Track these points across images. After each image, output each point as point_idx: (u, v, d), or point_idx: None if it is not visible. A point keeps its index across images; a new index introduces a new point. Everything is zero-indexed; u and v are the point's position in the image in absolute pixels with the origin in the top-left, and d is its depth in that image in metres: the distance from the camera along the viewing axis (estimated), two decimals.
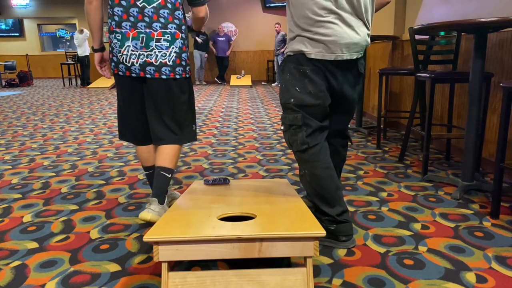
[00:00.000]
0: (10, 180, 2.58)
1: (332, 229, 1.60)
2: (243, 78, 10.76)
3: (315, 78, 1.54)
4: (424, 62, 2.90)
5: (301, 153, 1.60)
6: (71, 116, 5.34)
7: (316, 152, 1.58)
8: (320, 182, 1.59)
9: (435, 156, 3.03)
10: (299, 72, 1.55)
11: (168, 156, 1.81)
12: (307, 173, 1.61)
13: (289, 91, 1.58)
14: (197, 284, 1.23)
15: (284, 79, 1.62)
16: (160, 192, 1.77)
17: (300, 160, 1.63)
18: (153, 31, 1.70)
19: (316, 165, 1.58)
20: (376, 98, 4.54)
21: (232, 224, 1.31)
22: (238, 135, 3.98)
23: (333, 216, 1.59)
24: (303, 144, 1.57)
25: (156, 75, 1.73)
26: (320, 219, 1.60)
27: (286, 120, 1.61)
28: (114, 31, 1.72)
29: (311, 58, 1.52)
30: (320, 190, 1.59)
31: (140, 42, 1.70)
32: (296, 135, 1.58)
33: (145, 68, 1.72)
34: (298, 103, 1.56)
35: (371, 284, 1.36)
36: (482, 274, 1.42)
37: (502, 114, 1.85)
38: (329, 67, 1.53)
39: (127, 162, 2.97)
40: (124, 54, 1.71)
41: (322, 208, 1.60)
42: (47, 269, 1.48)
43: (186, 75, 1.81)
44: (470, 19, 1.95)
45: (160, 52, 1.71)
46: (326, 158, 1.61)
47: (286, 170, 2.73)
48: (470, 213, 1.96)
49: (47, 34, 15.31)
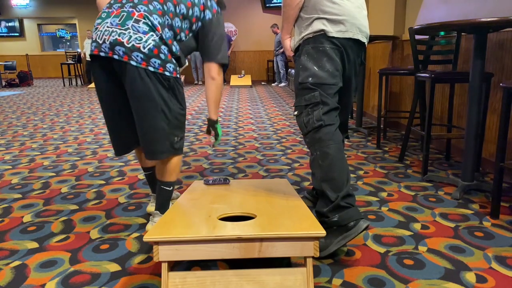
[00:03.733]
0: (10, 180, 2.58)
1: (336, 219, 1.50)
2: (243, 78, 10.77)
3: (334, 57, 1.59)
4: (424, 62, 2.90)
5: (314, 132, 1.58)
6: (71, 116, 5.34)
7: (330, 132, 1.58)
8: (332, 161, 1.54)
9: (435, 156, 3.03)
10: (318, 51, 1.59)
11: (167, 169, 1.69)
12: (318, 155, 1.57)
13: (307, 69, 1.60)
14: (197, 284, 1.23)
15: (300, 61, 1.63)
16: (163, 206, 1.75)
17: (313, 141, 1.59)
18: (135, 11, 1.52)
19: (329, 144, 1.56)
20: (376, 98, 4.54)
21: (232, 224, 1.31)
22: (238, 135, 3.98)
23: (336, 201, 1.50)
24: (319, 120, 1.57)
25: (124, 58, 1.48)
26: (324, 214, 1.54)
27: (302, 101, 1.61)
28: (103, 11, 1.59)
29: (331, 37, 1.57)
30: (331, 172, 1.53)
31: (118, 20, 1.52)
32: (312, 114, 1.58)
33: (114, 47, 1.49)
34: (316, 82, 1.58)
35: (371, 284, 1.36)
36: (482, 274, 1.42)
37: (502, 114, 1.85)
38: (346, 47, 1.60)
39: (127, 162, 2.97)
40: (99, 30, 1.53)
41: (328, 193, 1.52)
42: (47, 269, 1.48)
43: (164, 71, 1.53)
44: (470, 19, 1.95)
45: (135, 35, 1.49)
46: (339, 140, 1.59)
47: (286, 170, 2.73)
48: (470, 213, 1.96)
49: (47, 34, 15.32)
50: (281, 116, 5.20)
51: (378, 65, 4.51)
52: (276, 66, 10.38)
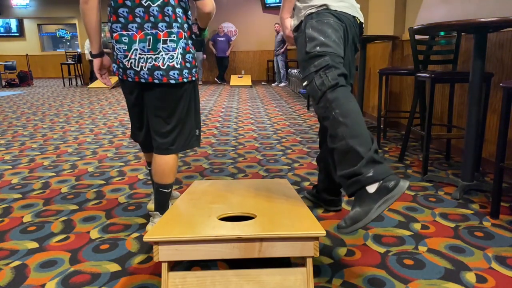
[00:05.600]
0: (10, 180, 2.58)
1: (371, 174, 1.32)
2: (243, 78, 10.77)
3: (338, 29, 1.60)
4: (424, 62, 2.90)
5: (331, 91, 1.47)
6: (71, 116, 5.35)
7: (347, 91, 1.50)
8: (356, 117, 1.43)
9: (435, 156, 3.03)
10: (323, 23, 1.59)
11: (165, 172, 1.73)
12: (338, 113, 1.43)
13: (314, 39, 1.57)
14: (197, 284, 1.23)
15: (305, 34, 1.61)
16: (162, 207, 1.76)
17: (330, 101, 1.46)
18: (159, 32, 1.58)
19: (350, 100, 1.46)
20: (376, 98, 4.54)
21: (232, 224, 1.31)
22: (238, 135, 3.98)
23: (369, 155, 1.35)
24: (334, 79, 1.48)
25: (164, 79, 1.61)
26: (355, 173, 1.35)
27: (312, 67, 1.54)
28: (118, 34, 1.60)
29: (335, 11, 1.60)
30: (358, 127, 1.41)
31: (148, 45, 1.58)
32: (325, 75, 1.50)
33: (153, 72, 1.60)
34: (324, 50, 1.54)
35: (371, 284, 1.36)
36: (482, 274, 1.42)
37: (502, 114, 1.85)
38: (346, 24, 1.63)
39: (127, 162, 2.97)
40: (132, 58, 1.60)
41: (358, 149, 1.36)
42: (47, 269, 1.48)
43: (192, 77, 1.69)
44: (470, 19, 1.95)
45: (167, 55, 1.60)
46: (355, 101, 1.50)
47: (286, 170, 2.73)
48: (470, 213, 1.96)
49: (47, 34, 15.32)
50: (281, 116, 5.20)
51: (378, 65, 4.51)
52: (276, 66, 10.38)
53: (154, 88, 1.66)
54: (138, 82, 1.64)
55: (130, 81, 1.67)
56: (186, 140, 1.76)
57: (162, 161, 1.72)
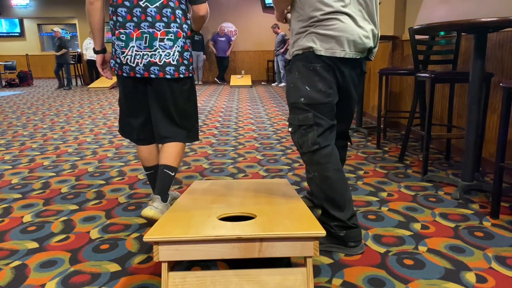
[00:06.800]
0: (10, 180, 2.58)
1: (342, 235, 1.55)
2: (243, 78, 10.76)
3: (325, 76, 1.50)
4: (424, 62, 2.90)
5: (311, 154, 1.54)
6: (71, 116, 5.34)
7: (328, 154, 1.54)
8: (331, 184, 1.53)
9: (435, 156, 3.03)
10: (308, 70, 1.51)
11: (172, 154, 1.83)
12: (317, 176, 1.55)
13: (299, 89, 1.53)
14: (197, 284, 1.23)
15: (292, 78, 1.56)
16: (163, 190, 1.77)
17: (310, 162, 1.56)
18: (156, 30, 1.70)
19: (328, 167, 1.53)
20: (376, 98, 4.54)
21: (232, 224, 1.31)
22: (238, 135, 3.98)
23: (343, 221, 1.53)
24: (314, 144, 1.52)
25: (160, 74, 1.73)
26: (329, 225, 1.57)
27: (295, 120, 1.55)
28: (118, 31, 1.72)
29: (320, 55, 1.47)
30: (332, 194, 1.54)
31: (144, 42, 1.70)
32: (306, 135, 1.52)
33: (149, 68, 1.72)
34: (309, 102, 1.51)
35: (371, 284, 1.36)
36: (482, 274, 1.42)
37: (502, 114, 1.85)
38: (338, 64, 1.50)
39: (127, 162, 2.97)
40: (128, 54, 1.72)
41: (332, 212, 1.55)
42: (47, 269, 1.48)
43: (189, 74, 1.81)
44: (470, 19, 1.95)
45: (164, 52, 1.72)
46: (337, 160, 1.57)
47: (286, 170, 2.73)
48: (470, 213, 1.96)
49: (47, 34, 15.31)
50: (281, 116, 5.20)
51: (378, 65, 4.51)
52: (276, 66, 10.38)
53: (155, 84, 1.77)
54: (133, 77, 1.76)
55: (126, 76, 1.78)
56: (194, 132, 1.92)
57: (171, 145, 1.84)
